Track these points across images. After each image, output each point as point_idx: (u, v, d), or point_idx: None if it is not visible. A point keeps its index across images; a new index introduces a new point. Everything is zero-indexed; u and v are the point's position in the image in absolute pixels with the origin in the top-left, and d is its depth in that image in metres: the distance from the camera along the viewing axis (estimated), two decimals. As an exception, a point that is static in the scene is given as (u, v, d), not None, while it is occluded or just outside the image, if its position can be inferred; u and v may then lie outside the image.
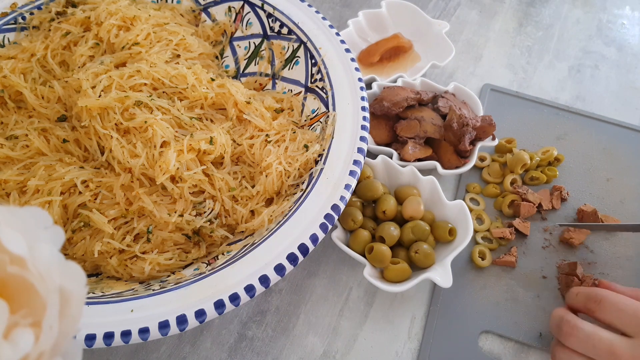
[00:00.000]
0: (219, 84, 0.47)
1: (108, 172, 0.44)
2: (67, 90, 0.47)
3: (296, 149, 0.44)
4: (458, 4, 0.77)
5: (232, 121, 0.47)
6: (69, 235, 0.41)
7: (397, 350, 0.43)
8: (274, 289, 0.47)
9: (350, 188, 0.39)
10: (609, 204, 0.53)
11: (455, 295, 0.46)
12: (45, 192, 0.41)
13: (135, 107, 0.43)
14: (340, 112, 0.45)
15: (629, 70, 0.69)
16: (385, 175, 0.51)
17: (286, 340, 0.44)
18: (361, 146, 0.42)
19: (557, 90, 0.66)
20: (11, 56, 0.50)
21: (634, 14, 0.78)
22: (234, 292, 0.33)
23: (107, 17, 0.50)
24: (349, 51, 0.50)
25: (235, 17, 0.58)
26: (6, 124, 0.47)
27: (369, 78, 0.60)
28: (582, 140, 0.59)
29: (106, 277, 0.41)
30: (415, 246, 0.45)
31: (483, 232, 0.50)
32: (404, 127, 0.54)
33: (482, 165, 0.56)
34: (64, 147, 0.45)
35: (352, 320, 0.45)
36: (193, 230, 0.42)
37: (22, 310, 0.16)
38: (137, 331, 0.32)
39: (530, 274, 0.48)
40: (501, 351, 0.43)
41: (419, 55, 0.66)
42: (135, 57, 0.49)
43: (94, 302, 0.34)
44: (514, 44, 0.72)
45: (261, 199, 0.43)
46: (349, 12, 0.74)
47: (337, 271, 0.48)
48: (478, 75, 0.67)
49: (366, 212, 0.48)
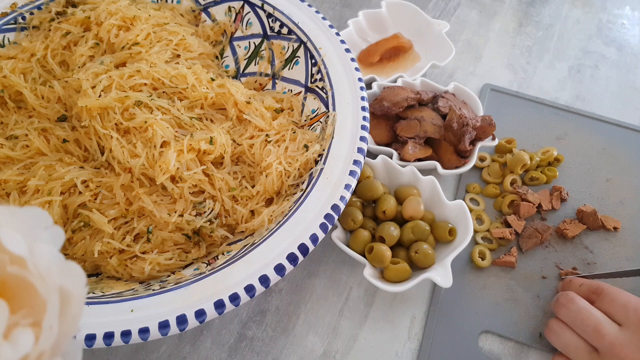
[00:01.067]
0: (219, 84, 0.47)
1: (108, 172, 0.44)
2: (67, 90, 0.47)
3: (296, 149, 0.44)
4: (458, 4, 0.77)
5: (232, 121, 0.47)
6: (69, 235, 0.41)
7: (397, 350, 0.43)
8: (274, 289, 0.47)
9: (350, 188, 0.39)
10: (608, 204, 0.53)
11: (455, 295, 0.46)
12: (45, 192, 0.41)
13: (135, 107, 0.43)
14: (340, 112, 0.45)
15: (629, 70, 0.69)
16: (385, 175, 0.51)
17: (286, 340, 0.44)
18: (361, 146, 0.42)
19: (557, 90, 0.66)
20: (11, 56, 0.50)
21: (634, 14, 0.78)
22: (234, 292, 0.33)
23: (107, 17, 0.50)
24: (349, 51, 0.50)
25: (235, 17, 0.58)
26: (6, 124, 0.47)
27: (369, 78, 0.60)
28: (582, 140, 0.59)
29: (106, 277, 0.41)
30: (415, 246, 0.45)
31: (483, 232, 0.50)
32: (404, 127, 0.54)
33: (482, 165, 0.56)
34: (64, 147, 0.45)
35: (352, 320, 0.45)
36: (193, 230, 0.42)
37: (22, 310, 0.16)
38: (137, 331, 0.32)
39: (530, 274, 0.48)
40: (501, 351, 0.43)
41: (419, 55, 0.66)
42: (135, 57, 0.49)
43: (94, 302, 0.34)
44: (514, 44, 0.72)
45: (261, 199, 0.43)
46: (349, 12, 0.74)
47: (337, 271, 0.48)
48: (478, 75, 0.67)
49: (366, 212, 0.48)
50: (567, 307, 0.39)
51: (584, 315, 0.38)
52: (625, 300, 0.37)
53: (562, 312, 0.40)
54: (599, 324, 0.37)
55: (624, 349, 0.35)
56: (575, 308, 0.39)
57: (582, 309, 0.38)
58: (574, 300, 0.39)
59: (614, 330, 0.36)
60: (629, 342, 0.35)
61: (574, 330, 0.39)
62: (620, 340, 0.36)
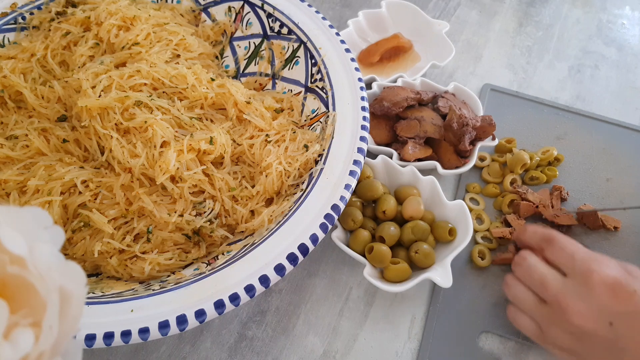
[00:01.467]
0: (219, 84, 0.47)
1: (108, 172, 0.44)
2: (67, 90, 0.47)
3: (296, 149, 0.44)
4: (458, 4, 0.77)
5: (232, 121, 0.47)
6: (69, 235, 0.41)
7: (397, 350, 0.43)
8: (274, 289, 0.47)
9: (350, 188, 0.39)
10: (608, 204, 0.53)
11: (455, 295, 0.46)
12: (45, 192, 0.41)
13: (135, 107, 0.43)
14: (340, 112, 0.45)
15: (629, 70, 0.69)
16: (385, 175, 0.51)
17: (286, 340, 0.44)
18: (361, 146, 0.42)
19: (557, 90, 0.66)
20: (11, 56, 0.50)
21: (634, 14, 0.78)
22: (234, 292, 0.33)
23: (107, 17, 0.50)
24: (349, 51, 0.50)
25: (235, 17, 0.58)
26: (6, 124, 0.47)
27: (369, 78, 0.60)
28: (582, 140, 0.59)
29: (106, 277, 0.41)
30: (415, 246, 0.45)
31: (483, 232, 0.50)
32: (404, 127, 0.54)
33: (482, 165, 0.56)
34: (64, 147, 0.45)
35: (352, 320, 0.45)
36: (193, 230, 0.42)
37: (22, 310, 0.16)
38: (137, 331, 0.32)
39: (530, 274, 0.48)
40: (501, 351, 0.43)
41: (419, 55, 0.66)
42: (135, 57, 0.49)
43: (94, 302, 0.34)
44: (514, 44, 0.72)
45: (261, 199, 0.43)
46: (349, 12, 0.74)
47: (337, 271, 0.48)
48: (478, 75, 0.67)
49: (366, 212, 0.48)
50: (520, 265, 0.42)
51: (532, 270, 0.40)
52: (573, 251, 0.39)
53: (516, 269, 0.42)
54: (544, 278, 0.39)
55: (566, 299, 0.37)
56: (525, 264, 0.41)
57: (532, 266, 0.41)
58: (525, 259, 0.41)
59: (558, 282, 0.38)
60: (572, 292, 0.37)
61: (525, 284, 0.41)
62: (564, 291, 0.37)
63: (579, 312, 0.36)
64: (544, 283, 0.39)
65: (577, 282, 0.37)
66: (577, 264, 0.38)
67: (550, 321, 0.39)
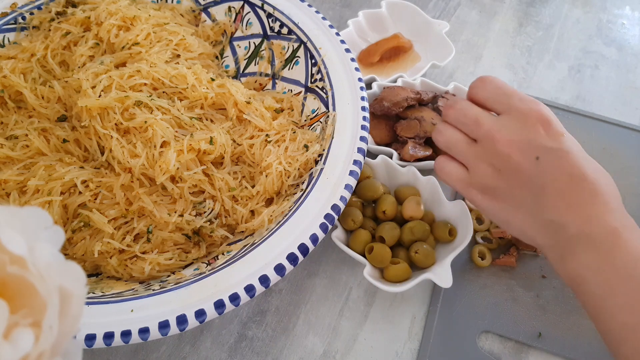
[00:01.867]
0: (219, 84, 0.47)
1: (108, 172, 0.44)
2: (67, 90, 0.47)
3: (296, 149, 0.44)
4: (458, 4, 0.77)
5: (232, 121, 0.47)
6: (69, 235, 0.41)
7: (397, 350, 0.43)
8: (274, 289, 0.47)
9: (350, 188, 0.39)
10: (609, 204, 0.53)
11: (455, 295, 0.46)
12: (45, 192, 0.41)
13: (135, 107, 0.43)
14: (340, 112, 0.45)
15: (629, 70, 0.69)
16: (385, 175, 0.51)
17: (286, 340, 0.44)
18: (361, 146, 0.42)
19: (557, 90, 0.66)
20: (11, 56, 0.50)
21: (634, 14, 0.78)
22: (234, 292, 0.33)
23: (107, 17, 0.50)
24: (349, 51, 0.50)
25: (235, 17, 0.58)
26: (6, 124, 0.47)
27: (369, 78, 0.60)
28: (582, 140, 0.59)
29: (106, 277, 0.41)
30: (415, 246, 0.45)
31: (483, 232, 0.50)
32: (404, 127, 0.54)
33: (482, 165, 0.55)
34: (64, 147, 0.45)
35: (352, 320, 0.45)
36: (193, 230, 0.42)
37: (22, 310, 0.16)
38: (137, 331, 0.32)
39: (529, 274, 0.48)
40: (501, 351, 0.43)
41: (419, 55, 0.66)
42: (135, 57, 0.49)
43: (94, 302, 0.34)
44: (514, 44, 0.72)
45: (261, 199, 0.43)
46: (349, 12, 0.74)
47: (337, 271, 0.48)
48: (478, 75, 0.67)
49: (366, 212, 0.48)
50: (453, 107, 0.41)
51: (466, 111, 0.40)
52: (511, 90, 0.39)
53: (449, 112, 0.41)
54: (479, 116, 0.39)
55: (499, 132, 0.37)
56: (459, 107, 0.41)
57: (464, 108, 0.40)
58: (458, 101, 0.41)
59: (492, 119, 0.39)
60: (505, 126, 0.37)
61: (456, 127, 0.41)
62: (498, 126, 0.38)
63: (508, 141, 0.37)
64: (478, 120, 0.39)
65: (513, 117, 0.38)
66: (513, 102, 0.38)
67: (478, 157, 0.38)
